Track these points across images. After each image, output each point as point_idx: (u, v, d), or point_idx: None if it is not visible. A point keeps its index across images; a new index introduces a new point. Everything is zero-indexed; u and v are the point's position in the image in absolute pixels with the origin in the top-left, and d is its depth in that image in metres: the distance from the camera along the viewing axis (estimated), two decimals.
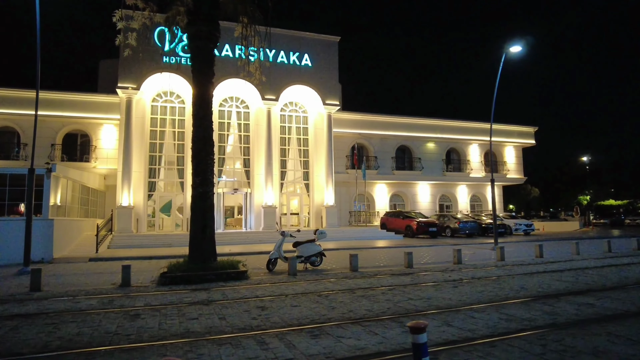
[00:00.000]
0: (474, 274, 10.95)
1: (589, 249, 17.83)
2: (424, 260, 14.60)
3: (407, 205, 33.14)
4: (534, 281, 9.55)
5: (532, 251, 16.79)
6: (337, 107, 27.36)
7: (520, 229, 28.03)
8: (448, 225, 25.99)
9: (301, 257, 12.50)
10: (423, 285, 9.21)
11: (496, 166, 35.38)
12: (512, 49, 17.66)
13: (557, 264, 12.87)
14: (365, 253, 16.97)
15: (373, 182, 31.64)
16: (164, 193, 25.77)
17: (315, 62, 27.01)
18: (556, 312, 6.48)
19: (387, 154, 31.57)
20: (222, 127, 26.22)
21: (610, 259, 14.27)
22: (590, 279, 9.71)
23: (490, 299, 7.58)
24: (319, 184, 27.10)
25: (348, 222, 30.36)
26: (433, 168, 32.88)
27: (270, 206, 25.08)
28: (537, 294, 8.06)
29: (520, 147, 36.26)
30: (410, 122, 31.91)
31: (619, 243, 20.20)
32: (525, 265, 12.78)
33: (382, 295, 8.12)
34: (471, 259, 14.63)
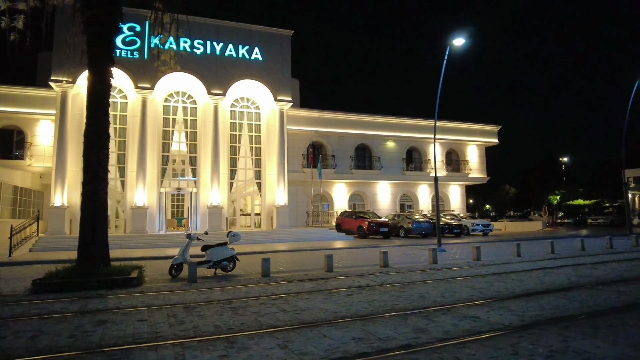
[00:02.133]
0: (387, 279, 10.02)
1: (534, 251, 17.19)
2: (352, 262, 13.65)
3: (367, 205, 32.31)
4: (441, 289, 8.65)
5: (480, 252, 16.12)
6: (289, 104, 26.31)
7: (477, 230, 27.45)
8: (402, 226, 25.21)
9: (209, 262, 11.41)
10: (317, 293, 8.22)
11: (458, 165, 34.87)
12: (455, 42, 16.90)
13: (489, 268, 12.07)
14: (296, 256, 16.04)
15: (331, 182, 30.70)
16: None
17: (266, 56, 25.92)
18: (425, 329, 5.54)
19: (345, 152, 30.66)
20: (167, 123, 24.92)
21: (547, 260, 13.57)
22: (504, 286, 8.86)
23: (369, 312, 6.62)
24: (271, 183, 26.01)
25: (305, 223, 29.34)
26: (393, 167, 32.12)
27: (216, 206, 23.86)
28: (423, 305, 7.13)
29: (483, 146, 35.79)
30: (370, 120, 31.07)
31: (566, 244, 19.67)
32: (455, 269, 11.93)
33: (259, 307, 7.09)
34: (404, 262, 13.74)
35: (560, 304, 6.89)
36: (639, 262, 12.77)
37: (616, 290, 8.05)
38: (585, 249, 16.83)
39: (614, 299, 7.19)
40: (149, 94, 23.67)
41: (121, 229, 23.53)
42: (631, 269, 11.04)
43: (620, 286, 8.48)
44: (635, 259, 13.61)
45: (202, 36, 24.64)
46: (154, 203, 23.85)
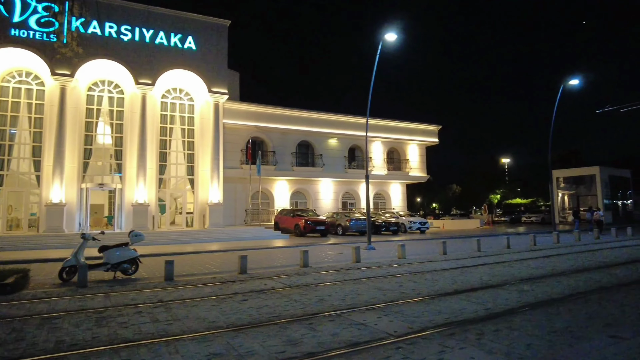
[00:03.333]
0: (298, 280, 9.39)
1: (462, 248, 17.29)
2: (273, 263, 12.95)
3: (309, 203, 31.77)
4: (346, 290, 8.12)
5: (404, 251, 15.95)
6: (225, 96, 25.19)
7: (414, 227, 27.66)
8: (339, 224, 24.87)
9: (107, 265, 10.29)
10: (210, 299, 7.42)
11: (400, 164, 35.15)
12: (387, 37, 16.61)
13: (409, 266, 11.78)
14: (219, 257, 15.12)
15: (272, 179, 29.87)
16: (18, 188, 22.02)
17: (201, 46, 24.64)
18: (299, 341, 4.92)
19: (287, 149, 29.92)
20: (90, 113, 23.05)
21: (470, 259, 13.53)
22: (413, 287, 8.49)
23: (251, 321, 5.92)
24: (205, 180, 24.78)
25: (244, 222, 28.31)
26: (336, 165, 31.79)
27: (142, 204, 22.35)
28: (316, 310, 6.54)
29: (424, 145, 36.32)
30: (312, 117, 30.52)
31: (495, 242, 20.03)
32: (375, 268, 11.51)
33: (131, 316, 6.19)
34: (328, 261, 13.23)
35: (459, 307, 6.54)
36: (553, 258, 13.00)
37: (520, 289, 7.88)
38: (510, 247, 17.14)
39: (514, 300, 6.95)
40: (68, 82, 21.75)
41: (36, 228, 21.46)
42: (543, 266, 11.12)
43: (526, 285, 8.35)
44: (551, 255, 13.89)
45: (130, 22, 23.01)
46: (74, 200, 21.95)
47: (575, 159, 58.44)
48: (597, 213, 27.39)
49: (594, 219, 26.63)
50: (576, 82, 23.85)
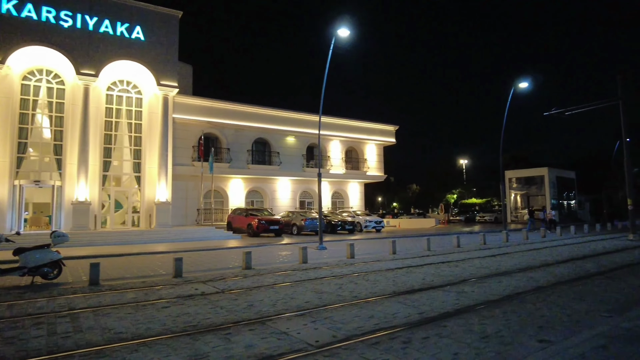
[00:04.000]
0: (235, 283, 8.82)
1: (413, 247, 17.25)
2: (215, 265, 12.27)
3: (265, 202, 31.09)
4: (281, 295, 7.63)
5: (356, 250, 15.71)
6: (175, 89, 24.07)
7: (370, 226, 27.60)
8: (294, 223, 24.38)
9: (23, 269, 9.30)
10: (127, 306, 6.72)
11: (358, 163, 35.10)
12: (340, 32, 16.27)
13: (355, 267, 11.44)
14: (159, 259, 14.24)
15: (226, 177, 28.95)
16: None
17: (149, 36, 23.41)
18: (206, 355, 4.38)
19: (242, 146, 29.08)
20: (25, 105, 21.33)
21: (419, 258, 13.39)
22: (352, 289, 8.13)
23: (161, 332, 5.32)
24: (153, 177, 23.58)
25: (195, 221, 27.24)
26: (293, 163, 31.26)
27: (83, 202, 20.95)
28: (240, 318, 6.02)
29: (382, 145, 36.45)
30: (269, 114, 29.82)
31: (447, 240, 20.15)
32: (321, 269, 11.09)
33: (20, 330, 5.42)
34: (275, 262, 12.69)
35: (393, 311, 6.20)
36: (499, 257, 13.08)
37: (460, 291, 7.67)
38: (460, 246, 17.24)
39: (451, 302, 6.70)
40: None
41: None
42: (488, 266, 11.09)
43: (467, 285, 8.17)
44: (498, 254, 14.01)
45: (71, 7, 21.48)
46: (5, 197, 20.25)
47: (526, 160, 60.65)
48: (550, 212, 28.96)
49: (547, 218, 28.23)
50: (525, 85, 24.51)
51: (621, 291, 7.42)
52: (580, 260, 12.21)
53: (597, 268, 10.42)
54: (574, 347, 4.24)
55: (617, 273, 9.61)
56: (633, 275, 9.32)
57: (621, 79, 20.84)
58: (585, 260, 12.20)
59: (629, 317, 5.38)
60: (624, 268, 10.43)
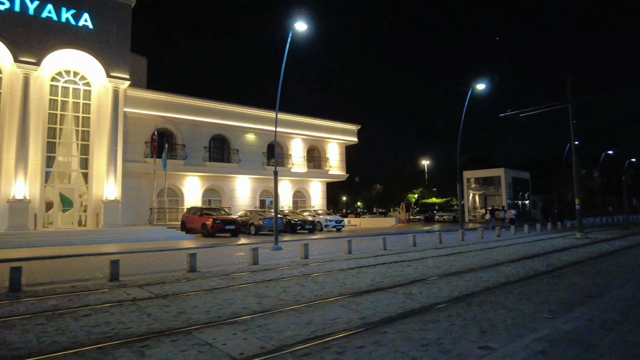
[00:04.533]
0: (173, 288, 8.20)
1: (370, 247, 17.09)
2: (159, 267, 11.54)
3: (224, 201, 30.21)
4: (218, 299, 7.11)
5: (312, 250, 15.36)
6: (127, 82, 22.85)
7: (330, 226, 27.34)
8: (252, 223, 23.74)
9: None
10: (40, 316, 6.00)
11: (320, 162, 34.80)
12: (297, 26, 15.83)
13: (307, 267, 11.04)
14: (99, 261, 13.34)
15: (181, 174, 27.86)
16: None
17: (99, 25, 22.08)
18: None
19: (199, 142, 28.06)
20: None
21: (373, 257, 13.16)
22: (297, 292, 7.72)
23: (71, 345, 4.69)
24: (101, 174, 22.27)
25: (148, 221, 26.00)
26: (253, 161, 30.53)
27: (21, 200, 19.45)
28: (165, 327, 5.47)
29: (344, 144, 36.33)
30: (227, 110, 28.94)
31: (404, 240, 20.11)
32: (272, 271, 10.62)
33: None
34: (224, 263, 12.11)
35: (333, 316, 5.83)
36: (453, 257, 13.04)
37: (408, 292, 7.41)
38: (416, 245, 17.21)
39: (396, 305, 6.41)
40: None
41: None
42: (440, 265, 10.97)
43: (416, 287, 7.93)
44: (452, 253, 14.00)
45: None
46: None
47: (485, 161, 62.48)
48: (510, 212, 30.13)
49: (508, 217, 29.37)
50: (483, 87, 24.97)
51: (566, 290, 7.39)
52: (530, 259, 12.34)
53: (546, 267, 10.51)
54: (514, 354, 3.99)
55: (563, 272, 9.69)
56: (578, 273, 9.42)
57: (570, 83, 21.53)
58: (535, 259, 12.35)
59: (571, 317, 5.24)
60: (570, 266, 10.57)
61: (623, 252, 13.86)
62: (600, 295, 6.76)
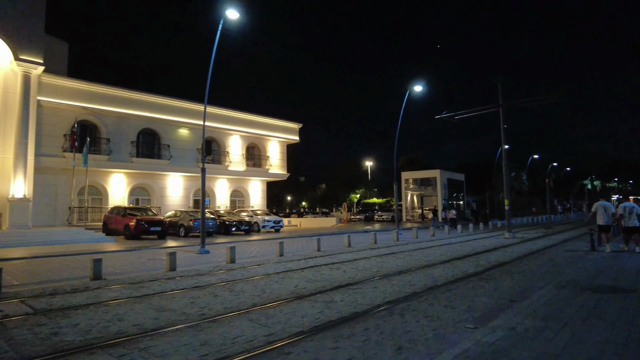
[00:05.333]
0: (56, 303, 7.01)
1: (304, 248, 16.48)
2: (66, 275, 10.11)
3: (153, 200, 28.31)
4: (112, 314, 6.09)
5: (244, 253, 14.49)
6: (40, 67, 20.49)
7: (268, 226, 26.47)
8: (182, 224, 22.30)
9: None
10: None
11: (260, 161, 33.77)
12: (228, 14, 14.83)
13: (230, 273, 10.17)
14: None
15: (106, 171, 25.67)
16: None
17: (6, 2, 19.61)
18: None
19: (125, 137, 26.02)
20: None
21: (304, 260, 12.53)
22: (207, 303, 6.86)
23: None
24: (8, 169, 19.82)
25: (67, 221, 23.64)
26: (187, 158, 28.88)
27: None
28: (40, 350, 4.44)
29: (285, 143, 35.57)
30: (158, 102, 27.09)
31: (340, 240, 19.70)
32: (189, 277, 9.62)
33: None
34: (141, 269, 10.90)
35: (236, 333, 5.06)
36: (385, 258, 12.72)
37: (329, 300, 6.80)
38: (351, 245, 16.84)
39: (312, 317, 5.76)
40: None
41: None
42: (370, 267, 10.54)
43: (339, 293, 7.35)
44: (385, 254, 13.70)
45: None
46: None
47: (422, 163, 64.42)
48: (451, 212, 31.20)
49: (449, 217, 30.37)
50: (420, 89, 25.27)
51: (491, 294, 7.14)
52: (460, 260, 12.29)
53: (474, 268, 10.41)
54: None
55: (491, 273, 9.60)
56: (504, 274, 9.35)
57: (502, 87, 22.29)
58: (465, 260, 12.31)
59: (493, 327, 4.86)
60: (497, 267, 10.55)
61: (546, 251, 14.30)
62: (524, 298, 6.54)
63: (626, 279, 7.81)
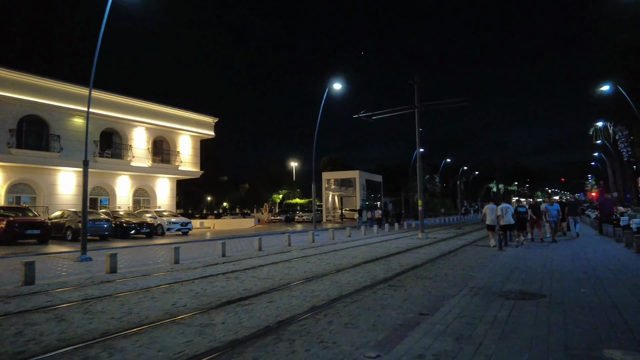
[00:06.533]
0: None
1: (208, 253, 14.93)
2: None
3: (40, 199, 24.64)
4: None
5: (134, 260, 12.60)
6: None
7: (174, 228, 24.19)
8: (69, 226, 19.40)
9: None
10: None
11: (169, 156, 31.12)
12: None
13: (103, 288, 8.37)
14: None
15: None
16: None
17: None
18: None
19: (3, 124, 22.20)
20: None
21: (201, 268, 11.01)
22: (52, 331, 5.18)
23: None
24: None
25: None
26: (82, 151, 25.37)
27: None
28: None
29: (199, 138, 33.20)
30: (44, 85, 23.50)
31: (249, 244, 18.33)
32: (43, 294, 7.67)
33: None
34: None
35: None
36: (294, 262, 11.62)
37: (207, 324, 5.46)
38: (262, 249, 15.57)
39: (174, 351, 4.41)
40: None
41: None
42: (273, 275, 9.34)
43: (222, 314, 6.02)
44: (296, 258, 12.63)
45: None
46: None
47: (344, 163, 64.84)
48: (377, 212, 31.70)
49: (375, 217, 30.89)
50: (339, 87, 24.70)
51: (400, 306, 6.30)
52: (372, 263, 11.58)
53: (385, 273, 9.67)
54: None
55: (402, 279, 8.90)
56: (416, 281, 8.68)
57: (417, 88, 22.42)
58: (376, 262, 11.63)
59: (399, 355, 3.91)
60: (409, 271, 9.93)
61: (457, 252, 14.19)
62: (435, 310, 5.77)
63: (533, 282, 7.50)
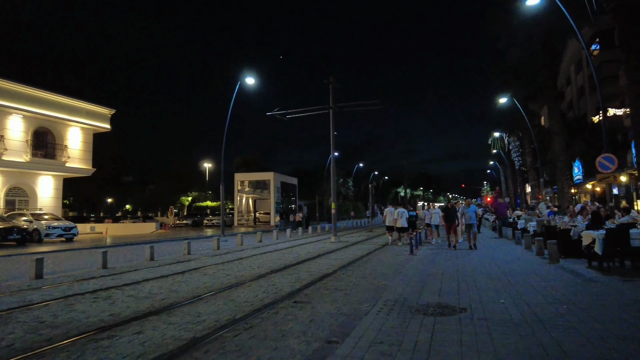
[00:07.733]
0: None
1: (86, 264, 12.65)
2: None
3: None
4: None
5: None
6: None
7: (55, 234, 20.78)
8: None
9: None
10: None
11: (53, 150, 27.07)
12: None
13: None
14: None
15: None
16: None
17: None
18: None
19: None
20: None
21: (67, 284, 8.94)
22: None
23: None
24: None
25: None
26: None
27: None
28: None
29: (92, 131, 29.40)
30: None
31: (143, 252, 16.14)
32: None
33: None
34: None
35: None
36: (187, 275, 9.99)
37: None
38: (154, 259, 13.61)
39: None
40: None
41: None
42: (156, 293, 7.70)
43: (80, 348, 4.41)
44: (190, 270, 10.94)
45: None
46: None
47: (259, 165, 63.00)
48: (299, 214, 31.21)
49: (297, 219, 30.48)
50: (252, 82, 23.27)
51: (305, 332, 5.17)
52: (278, 273, 10.38)
53: (292, 285, 8.53)
54: None
55: (309, 292, 7.82)
56: (325, 294, 7.65)
57: (332, 88, 21.85)
58: (284, 272, 10.46)
59: None
60: (319, 282, 8.92)
61: (370, 257, 13.58)
62: (345, 335, 4.74)
63: (450, 292, 6.87)
